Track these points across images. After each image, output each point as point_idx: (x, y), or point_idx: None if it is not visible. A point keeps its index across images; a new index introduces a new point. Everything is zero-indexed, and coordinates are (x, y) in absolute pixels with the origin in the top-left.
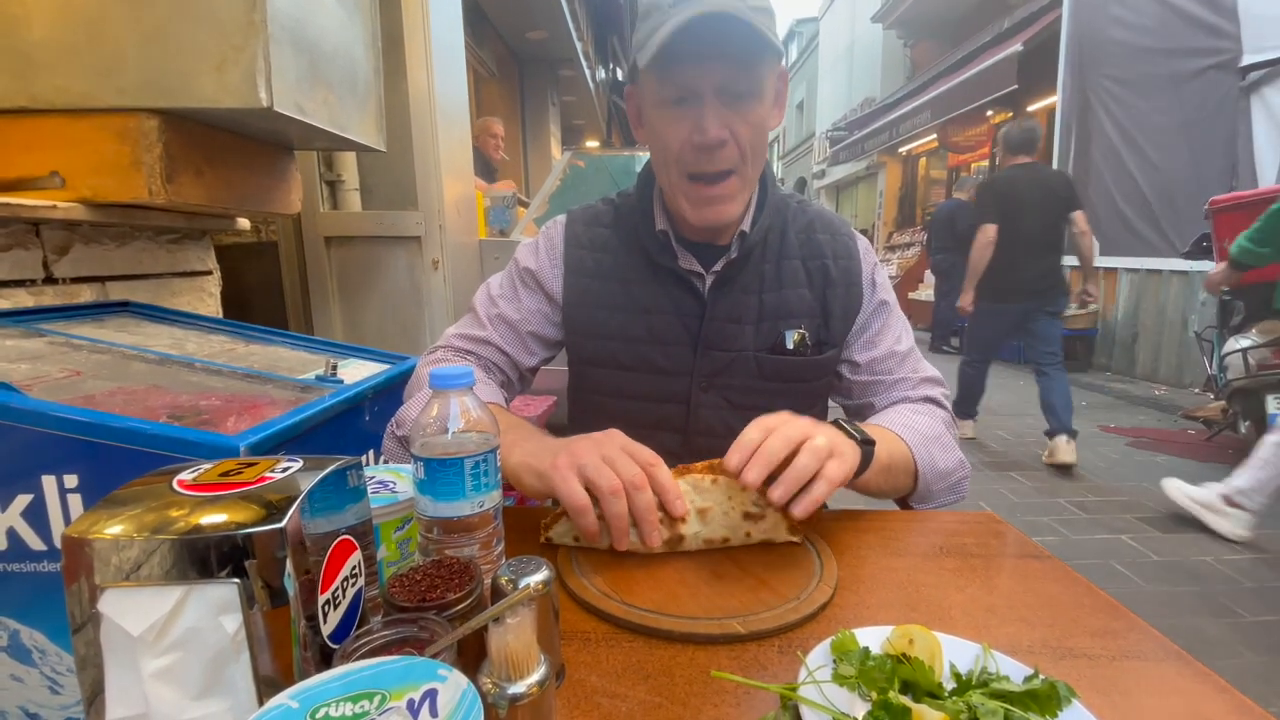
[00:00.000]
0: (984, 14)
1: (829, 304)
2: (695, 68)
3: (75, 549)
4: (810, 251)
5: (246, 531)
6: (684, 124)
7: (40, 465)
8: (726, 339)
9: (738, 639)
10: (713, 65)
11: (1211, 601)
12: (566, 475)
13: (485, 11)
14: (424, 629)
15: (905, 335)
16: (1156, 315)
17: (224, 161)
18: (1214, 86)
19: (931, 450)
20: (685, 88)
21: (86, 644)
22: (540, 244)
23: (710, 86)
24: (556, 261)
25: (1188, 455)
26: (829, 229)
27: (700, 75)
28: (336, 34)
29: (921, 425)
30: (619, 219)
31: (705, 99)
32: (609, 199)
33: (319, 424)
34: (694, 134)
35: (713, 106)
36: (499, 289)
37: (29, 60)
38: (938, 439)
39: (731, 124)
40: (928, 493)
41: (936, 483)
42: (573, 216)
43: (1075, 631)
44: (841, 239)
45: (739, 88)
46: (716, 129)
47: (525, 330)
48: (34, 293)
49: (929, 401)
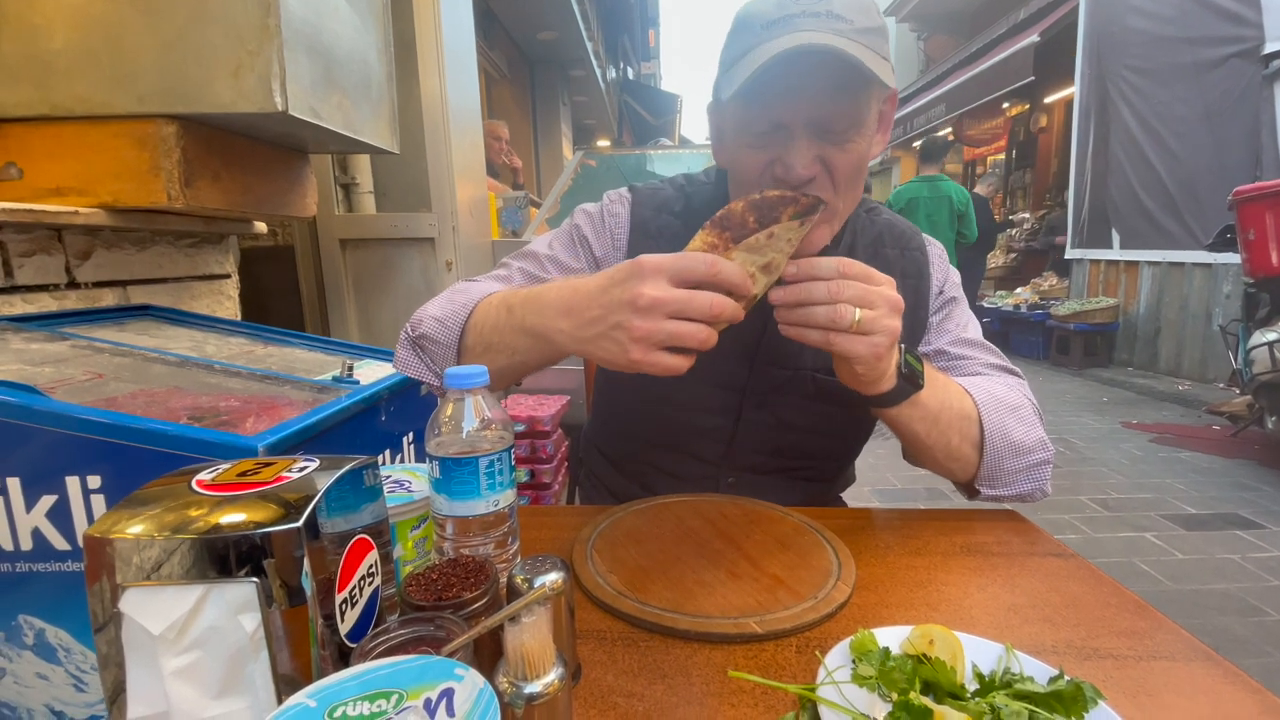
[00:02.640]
0: (998, 6)
1: None
2: (788, 102)
3: (97, 548)
4: (878, 267)
5: (264, 531)
6: (766, 153)
7: (64, 466)
8: (786, 356)
9: (755, 638)
10: (807, 99)
11: (1239, 600)
12: (650, 357)
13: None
14: (440, 628)
15: (972, 325)
16: (1179, 309)
17: (240, 166)
18: (1236, 75)
19: (1005, 419)
20: (774, 121)
21: (108, 643)
22: (606, 220)
23: (802, 120)
24: (621, 246)
25: (1213, 451)
26: (899, 243)
27: (792, 109)
28: (350, 39)
29: (999, 392)
30: (690, 211)
31: (795, 132)
32: (677, 182)
33: (336, 424)
34: (777, 167)
35: (803, 141)
36: (549, 250)
37: (50, 69)
38: (1016, 410)
39: (826, 156)
40: (997, 470)
41: (1009, 459)
42: (639, 197)
43: (1101, 631)
44: (911, 254)
45: (837, 124)
46: (805, 166)
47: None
48: (57, 297)
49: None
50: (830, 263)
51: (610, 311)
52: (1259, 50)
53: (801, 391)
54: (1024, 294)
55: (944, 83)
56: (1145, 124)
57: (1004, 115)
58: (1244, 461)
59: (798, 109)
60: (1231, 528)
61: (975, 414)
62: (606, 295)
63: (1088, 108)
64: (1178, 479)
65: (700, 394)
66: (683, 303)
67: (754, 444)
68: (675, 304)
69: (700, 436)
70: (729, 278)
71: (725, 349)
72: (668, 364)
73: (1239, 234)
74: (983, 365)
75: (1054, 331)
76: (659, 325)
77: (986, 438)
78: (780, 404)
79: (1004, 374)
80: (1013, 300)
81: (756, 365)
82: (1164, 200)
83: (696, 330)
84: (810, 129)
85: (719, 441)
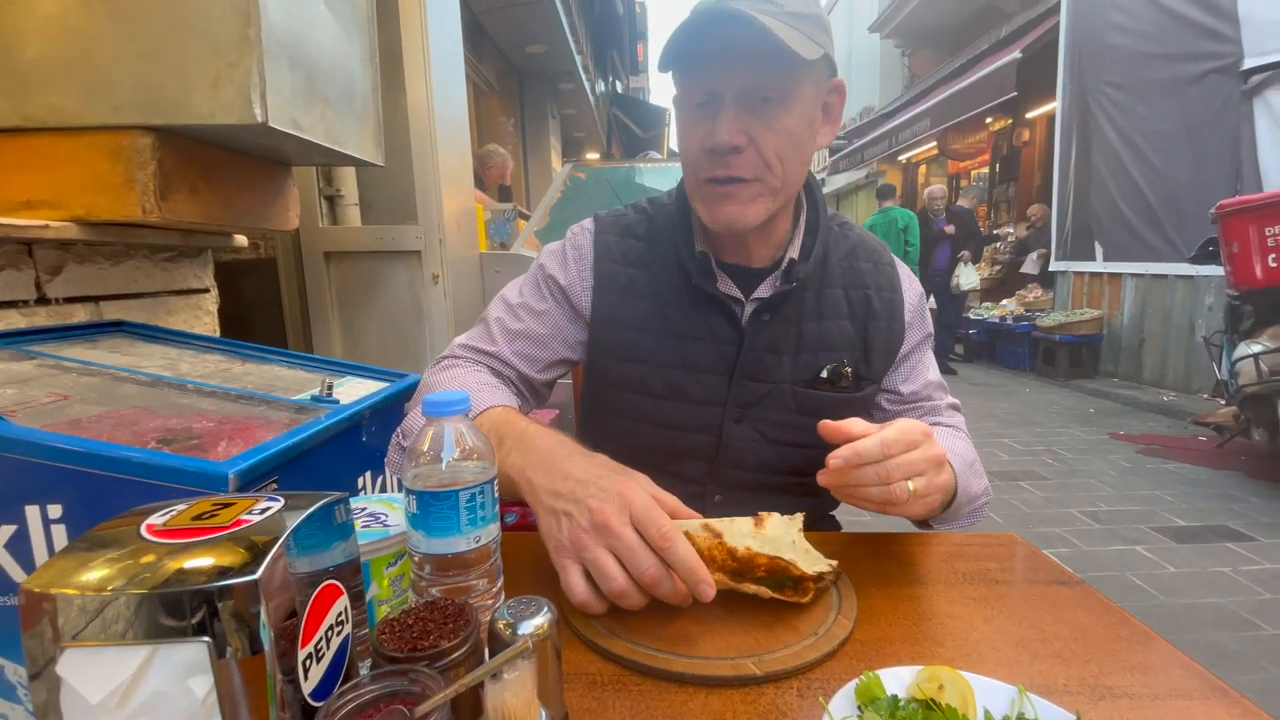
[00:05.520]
0: (981, 23)
1: (870, 337)
2: (710, 68)
3: (34, 603)
4: (852, 281)
5: (217, 585)
6: (701, 127)
7: (23, 495)
8: (764, 370)
9: (753, 681)
10: (731, 66)
11: (1232, 615)
12: (566, 565)
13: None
14: (415, 682)
15: (933, 364)
16: (1162, 320)
17: (220, 178)
18: (1216, 90)
19: (968, 477)
20: (704, 90)
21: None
22: (568, 253)
23: (730, 89)
24: (586, 275)
25: (1200, 463)
26: (871, 257)
27: (717, 76)
28: (334, 50)
29: (961, 449)
30: (653, 231)
31: (725, 102)
32: (640, 206)
33: (314, 447)
34: (706, 138)
35: (730, 110)
36: (519, 297)
37: (22, 79)
38: (972, 465)
39: (751, 129)
40: (954, 515)
41: (965, 507)
42: (602, 225)
43: (1113, 667)
44: (884, 269)
45: (764, 92)
46: (729, 133)
47: (547, 345)
48: (26, 314)
49: (957, 428)
50: (873, 446)
51: (574, 501)
52: (1237, 66)
53: (781, 405)
54: (1010, 305)
55: (928, 98)
56: (1126, 139)
57: (987, 130)
58: (1231, 473)
59: (725, 77)
60: (1222, 540)
61: (954, 483)
62: (583, 486)
63: (1070, 123)
64: (1166, 490)
65: (681, 412)
66: (626, 551)
67: (737, 460)
68: (621, 545)
69: (684, 456)
70: (675, 556)
71: (704, 365)
72: (573, 581)
73: (1223, 247)
74: (942, 410)
75: (1040, 343)
76: (593, 546)
77: (956, 498)
78: (760, 418)
79: (954, 412)
80: (999, 311)
81: (735, 380)
82: (1146, 213)
83: (616, 575)
84: (739, 100)
85: (702, 459)
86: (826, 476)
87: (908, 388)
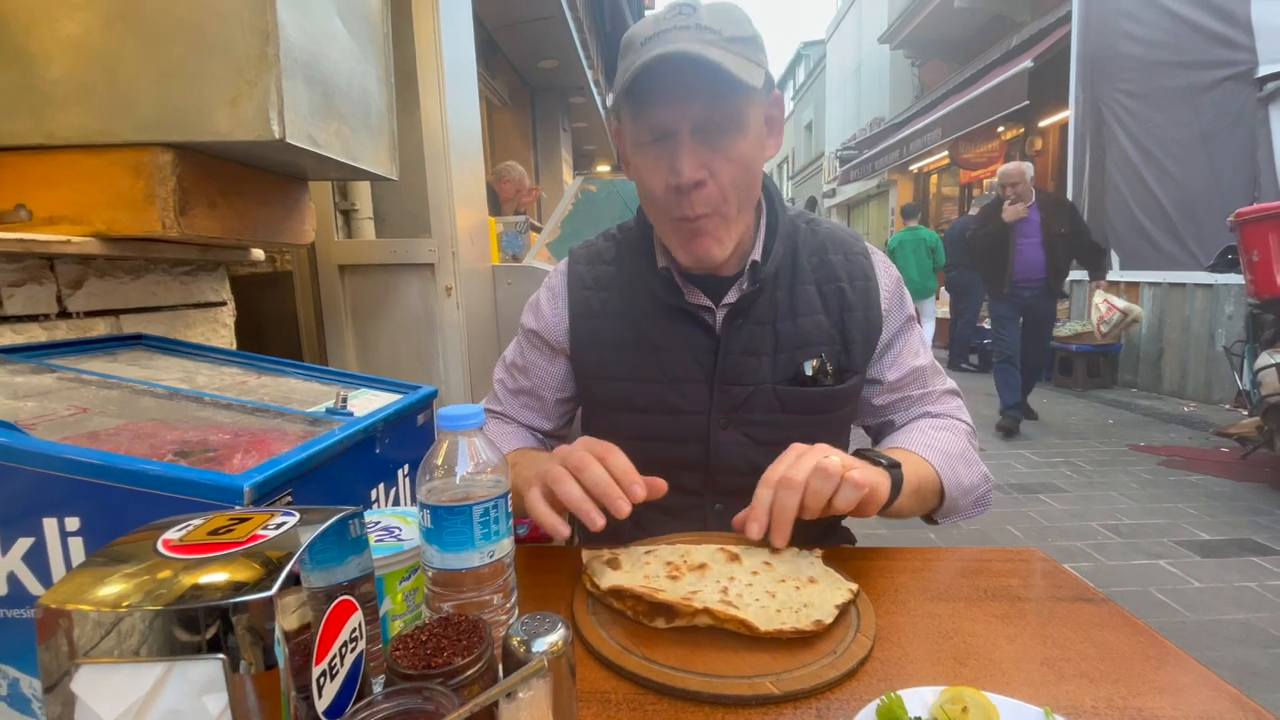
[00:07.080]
0: (991, 33)
1: (848, 329)
2: (665, 108)
3: (50, 619)
4: (824, 275)
5: (232, 601)
6: (662, 165)
7: (41, 507)
8: (744, 373)
9: (772, 700)
10: (684, 104)
11: (1260, 631)
12: (535, 500)
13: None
14: (429, 700)
15: (924, 350)
16: (1182, 329)
17: (238, 193)
18: (1231, 98)
19: (956, 468)
20: (659, 127)
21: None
22: (541, 296)
23: (685, 125)
24: (560, 308)
25: (1223, 474)
26: (842, 249)
27: (672, 114)
28: (350, 68)
29: (943, 442)
30: (621, 255)
31: (681, 138)
32: (610, 234)
33: (328, 459)
34: (670, 175)
35: (688, 146)
36: (511, 356)
37: (47, 99)
38: (961, 455)
39: (710, 163)
40: (954, 508)
41: (962, 499)
42: (574, 257)
43: (1142, 689)
44: (856, 259)
45: (715, 124)
46: (691, 169)
47: (540, 395)
48: (48, 327)
49: (949, 416)
50: (764, 495)
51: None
52: (1253, 73)
53: (766, 406)
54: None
55: (939, 108)
56: (1141, 147)
57: (999, 139)
58: (1255, 485)
59: (678, 113)
60: (1247, 554)
61: (935, 476)
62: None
63: (1083, 131)
64: (1189, 503)
65: (668, 424)
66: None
67: (730, 465)
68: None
69: (678, 468)
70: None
71: (684, 375)
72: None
73: (1242, 256)
74: (934, 397)
75: (1056, 353)
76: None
77: (945, 491)
78: (746, 420)
79: (951, 398)
80: None
81: (716, 386)
82: (1163, 222)
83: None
84: (695, 135)
85: (697, 469)
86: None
87: (894, 374)
